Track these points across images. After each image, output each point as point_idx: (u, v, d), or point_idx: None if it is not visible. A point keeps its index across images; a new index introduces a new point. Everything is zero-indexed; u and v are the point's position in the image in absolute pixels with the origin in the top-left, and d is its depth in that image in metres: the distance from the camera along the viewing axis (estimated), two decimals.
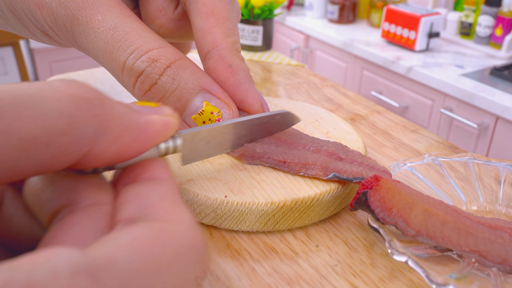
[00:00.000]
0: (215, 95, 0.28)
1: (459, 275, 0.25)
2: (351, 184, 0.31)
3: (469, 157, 0.35)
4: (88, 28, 0.24)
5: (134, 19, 0.25)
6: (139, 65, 0.25)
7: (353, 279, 0.27)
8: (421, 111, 1.35)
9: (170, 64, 0.26)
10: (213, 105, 0.27)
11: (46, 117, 0.13)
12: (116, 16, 0.24)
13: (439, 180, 0.34)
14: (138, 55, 0.25)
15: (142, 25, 0.25)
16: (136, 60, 0.25)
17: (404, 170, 0.33)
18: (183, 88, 0.26)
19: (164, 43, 0.26)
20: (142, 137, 0.16)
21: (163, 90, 0.26)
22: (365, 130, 0.46)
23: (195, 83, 0.27)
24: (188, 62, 0.27)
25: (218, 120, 0.28)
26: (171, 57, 0.26)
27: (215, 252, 0.28)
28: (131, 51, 0.24)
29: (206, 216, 0.29)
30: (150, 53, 0.25)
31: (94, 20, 0.24)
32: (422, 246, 0.27)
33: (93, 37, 0.24)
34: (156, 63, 0.25)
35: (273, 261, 0.28)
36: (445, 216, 0.26)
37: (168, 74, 0.26)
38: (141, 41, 0.25)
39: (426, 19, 1.38)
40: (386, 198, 0.26)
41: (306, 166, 0.30)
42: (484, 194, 0.33)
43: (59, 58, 1.52)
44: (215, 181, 0.30)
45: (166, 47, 0.26)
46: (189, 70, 0.26)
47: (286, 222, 0.29)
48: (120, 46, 0.24)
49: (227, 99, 0.28)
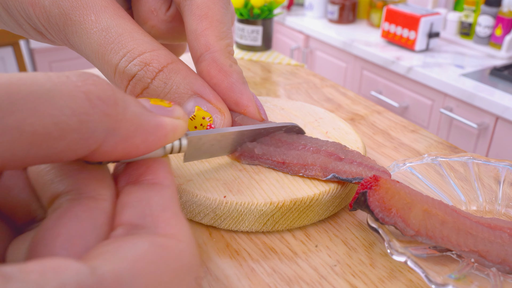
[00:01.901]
0: (207, 99, 0.27)
1: (459, 275, 0.25)
2: (350, 184, 0.31)
3: (469, 157, 0.35)
4: (81, 28, 0.24)
5: (128, 20, 0.25)
6: (131, 68, 0.25)
7: (353, 279, 0.27)
8: (421, 111, 1.35)
9: (163, 68, 0.25)
10: (205, 110, 0.27)
11: (59, 114, 0.13)
12: (109, 17, 0.24)
13: (439, 180, 0.33)
14: (130, 58, 0.24)
15: (136, 27, 0.25)
16: (128, 63, 0.24)
17: (404, 170, 0.33)
18: (175, 92, 0.26)
19: (157, 45, 0.26)
20: (150, 139, 0.16)
21: (154, 94, 0.26)
22: (365, 130, 0.46)
23: (187, 87, 0.26)
24: (181, 65, 0.27)
25: (209, 125, 0.28)
26: (163, 60, 0.25)
27: (214, 252, 0.28)
28: (123, 54, 0.24)
29: (205, 216, 0.29)
30: (143, 56, 0.24)
31: (87, 21, 0.23)
32: (421, 246, 0.27)
33: (86, 38, 0.24)
34: (148, 67, 0.25)
35: (272, 261, 0.28)
36: (445, 216, 0.26)
37: (160, 78, 0.25)
38: (134, 43, 0.24)
39: (426, 19, 1.38)
40: (386, 198, 0.26)
41: (306, 167, 0.30)
42: (484, 194, 0.33)
43: (59, 58, 1.52)
44: (214, 181, 0.30)
45: (159, 50, 0.25)
46: (181, 74, 0.26)
47: (285, 222, 0.29)
48: (113, 48, 0.24)
49: (219, 104, 0.28)
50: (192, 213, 0.30)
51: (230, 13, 0.30)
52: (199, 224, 0.30)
